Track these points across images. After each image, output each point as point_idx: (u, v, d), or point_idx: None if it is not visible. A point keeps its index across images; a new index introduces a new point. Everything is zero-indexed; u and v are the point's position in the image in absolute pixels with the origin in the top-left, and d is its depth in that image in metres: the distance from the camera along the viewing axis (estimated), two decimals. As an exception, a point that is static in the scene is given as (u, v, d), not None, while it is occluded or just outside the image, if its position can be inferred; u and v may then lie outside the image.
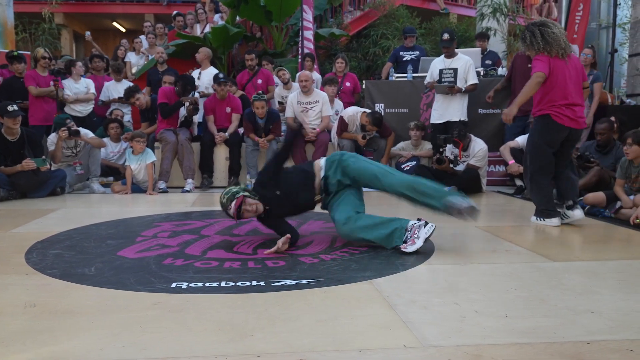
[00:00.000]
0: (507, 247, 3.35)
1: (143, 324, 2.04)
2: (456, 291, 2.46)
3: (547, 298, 2.36)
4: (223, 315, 2.15)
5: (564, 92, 3.92)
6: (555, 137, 4.01)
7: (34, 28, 11.06)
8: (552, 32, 3.94)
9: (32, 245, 3.32)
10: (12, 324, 2.05)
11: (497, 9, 9.18)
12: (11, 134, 5.44)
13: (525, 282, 2.60)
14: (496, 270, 2.84)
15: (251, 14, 9.68)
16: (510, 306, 2.25)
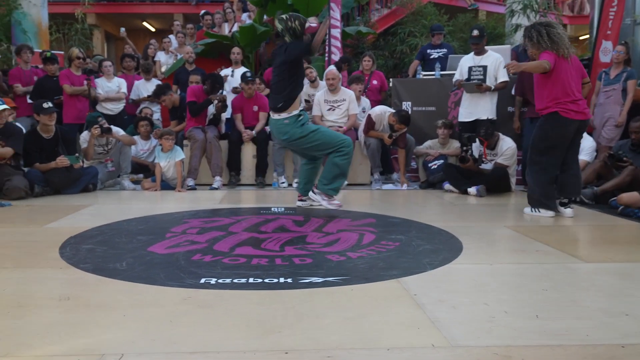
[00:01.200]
0: (537, 247, 3.29)
1: (173, 319, 2.07)
2: (485, 291, 2.43)
3: (580, 299, 2.32)
4: (251, 311, 2.17)
5: (567, 89, 4.12)
6: (566, 131, 4.18)
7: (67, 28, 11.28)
8: (557, 32, 4.15)
9: (65, 240, 3.39)
10: (47, 317, 2.10)
11: (527, 5, 9.02)
12: (46, 132, 5.57)
13: (557, 283, 2.55)
14: (526, 270, 2.79)
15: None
16: (541, 307, 2.21)
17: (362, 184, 6.52)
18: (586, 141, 5.71)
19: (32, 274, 2.69)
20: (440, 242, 3.41)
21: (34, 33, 9.27)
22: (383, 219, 4.26)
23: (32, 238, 3.50)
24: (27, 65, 7.39)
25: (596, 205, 4.94)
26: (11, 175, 5.18)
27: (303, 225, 3.96)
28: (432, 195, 5.70)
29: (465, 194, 5.62)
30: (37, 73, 7.38)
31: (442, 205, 5.10)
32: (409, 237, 3.56)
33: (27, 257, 3.03)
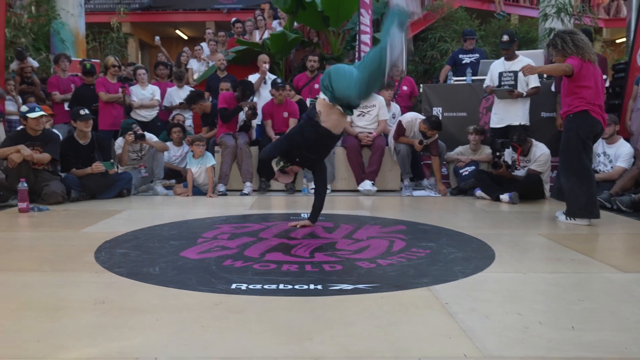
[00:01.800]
0: (573, 256, 3.21)
1: (204, 324, 2.09)
2: (518, 301, 2.38)
3: (618, 311, 2.25)
4: (281, 317, 2.17)
5: (597, 94, 4.15)
6: (592, 131, 4.19)
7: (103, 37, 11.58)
8: (581, 38, 4.17)
9: (101, 245, 3.46)
10: (83, 320, 2.14)
11: (561, 8, 8.86)
12: (83, 138, 5.71)
13: (593, 293, 2.49)
14: (561, 280, 2.72)
15: (309, 20, 9.75)
16: (577, 318, 2.15)
17: (392, 190, 6.48)
18: (623, 147, 5.58)
19: (68, 278, 2.75)
20: (471, 249, 3.37)
21: (72, 42, 9.53)
22: (413, 225, 4.23)
23: (68, 242, 3.58)
24: (64, 74, 7.61)
25: (634, 213, 4.80)
26: (49, 180, 5.32)
27: (333, 232, 3.95)
28: (463, 202, 5.63)
29: (498, 201, 5.53)
30: (75, 81, 7.59)
31: (473, 212, 5.03)
32: (440, 244, 3.52)
33: (64, 260, 3.09)
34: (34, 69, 8.01)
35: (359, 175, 6.36)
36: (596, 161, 5.72)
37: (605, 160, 5.66)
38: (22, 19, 9.61)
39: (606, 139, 5.61)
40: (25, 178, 4.93)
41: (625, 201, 4.92)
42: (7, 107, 7.11)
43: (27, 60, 7.91)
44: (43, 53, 9.39)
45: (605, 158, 5.66)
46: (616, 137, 5.64)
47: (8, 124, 7.01)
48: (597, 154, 5.71)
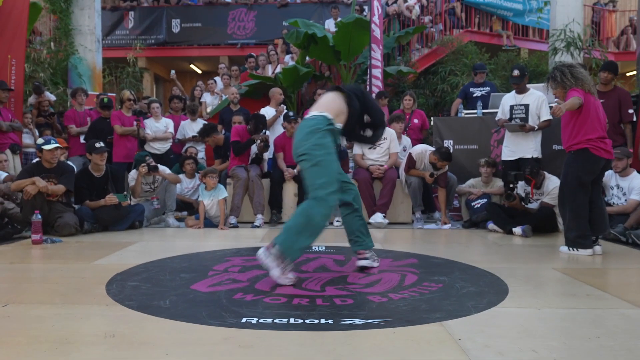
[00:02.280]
0: (588, 291, 3.15)
1: (214, 358, 2.07)
2: (533, 337, 2.33)
3: (635, 348, 2.19)
4: (292, 352, 2.14)
5: (597, 125, 4.19)
6: (595, 168, 4.26)
7: (119, 72, 11.81)
8: (580, 71, 4.25)
9: (112, 277, 3.46)
10: (92, 353, 2.13)
11: (571, 42, 8.91)
12: (97, 170, 5.78)
13: (610, 330, 2.43)
14: (576, 315, 2.67)
15: (320, 54, 9.93)
16: (594, 356, 2.10)
17: (404, 223, 6.46)
18: (636, 180, 5.52)
19: (79, 310, 2.74)
20: (484, 284, 3.32)
21: (89, 76, 9.74)
22: (425, 259, 4.19)
23: (80, 274, 3.59)
24: (81, 107, 7.76)
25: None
26: (63, 212, 5.37)
27: (344, 265, 3.92)
28: (476, 235, 5.58)
29: (510, 234, 5.48)
30: (91, 114, 7.72)
31: (486, 246, 4.97)
32: (452, 278, 3.48)
33: (75, 293, 3.10)
34: (51, 103, 8.18)
35: (370, 207, 6.34)
36: (609, 194, 5.67)
37: (618, 193, 5.61)
38: (41, 54, 9.86)
39: (619, 172, 5.57)
40: (40, 210, 4.98)
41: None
42: (24, 139, 7.24)
43: (44, 95, 8.09)
44: (61, 87, 9.58)
45: (618, 191, 5.61)
46: (629, 170, 5.60)
47: (25, 156, 7.13)
48: (611, 187, 5.66)
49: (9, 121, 6.78)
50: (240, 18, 13.70)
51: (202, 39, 13.81)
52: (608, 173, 5.60)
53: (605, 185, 5.67)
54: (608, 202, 5.62)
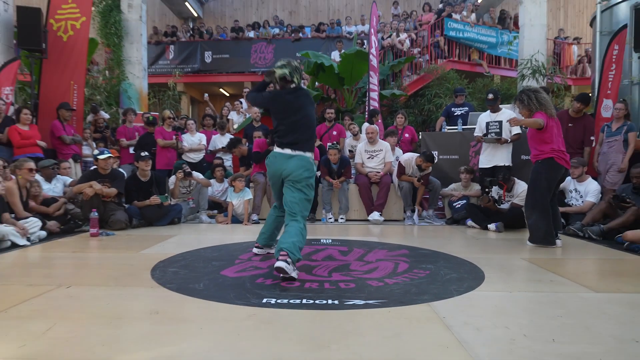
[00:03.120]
0: (551, 278, 3.12)
1: (240, 332, 2.07)
2: (505, 316, 2.32)
3: (592, 326, 2.17)
4: (304, 328, 2.14)
5: (559, 142, 4.22)
6: (557, 175, 4.24)
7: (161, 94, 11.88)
8: (543, 96, 4.25)
9: (155, 264, 3.48)
10: (140, 328, 2.14)
11: (536, 70, 8.87)
12: (144, 176, 5.81)
13: (570, 310, 2.41)
14: (542, 298, 2.65)
15: (327, 80, 9.94)
16: (557, 332, 2.09)
17: (397, 220, 6.43)
18: (591, 185, 5.48)
19: (129, 291, 2.76)
20: (465, 271, 3.30)
21: (137, 99, 9.80)
22: (415, 250, 4.17)
23: (130, 262, 3.61)
24: (130, 124, 7.81)
25: (603, 241, 4.68)
26: (115, 210, 5.40)
27: (347, 255, 3.92)
28: (457, 231, 5.55)
29: (486, 230, 5.44)
30: (138, 130, 7.77)
31: (465, 239, 4.95)
32: (438, 266, 3.46)
33: (125, 277, 3.11)
34: (105, 120, 8.24)
35: (369, 207, 6.34)
36: (568, 197, 5.62)
37: (576, 196, 5.56)
38: (97, 81, 9.94)
39: (576, 178, 5.54)
40: (96, 208, 5.02)
41: (595, 231, 4.80)
42: (84, 151, 7.30)
43: (99, 114, 8.15)
44: (114, 107, 9.65)
45: (576, 194, 5.56)
46: (585, 177, 5.56)
47: (84, 164, 7.19)
48: (569, 190, 5.62)
49: (72, 135, 6.85)
50: (261, 50, 13.75)
51: (229, 67, 13.87)
52: (567, 179, 5.57)
53: (565, 189, 5.63)
54: (567, 203, 5.58)
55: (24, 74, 8.08)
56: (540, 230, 4.25)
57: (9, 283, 2.93)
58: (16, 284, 2.89)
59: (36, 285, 2.84)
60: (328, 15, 16.60)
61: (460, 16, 12.02)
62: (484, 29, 12.13)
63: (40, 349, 1.87)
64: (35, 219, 4.68)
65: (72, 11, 7.38)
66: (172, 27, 14.53)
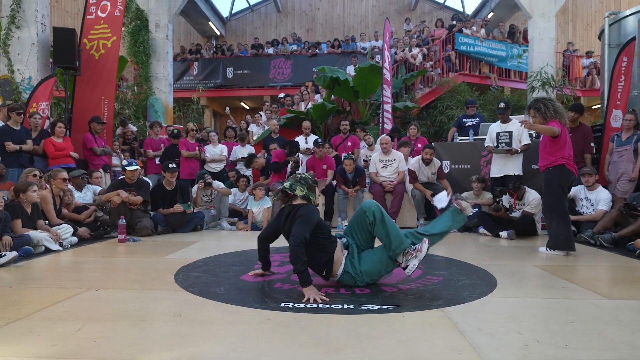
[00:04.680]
0: (564, 285, 3.04)
1: (259, 335, 2.06)
2: (518, 322, 2.26)
3: (605, 332, 2.10)
4: (320, 331, 2.12)
5: (570, 150, 4.15)
6: (568, 181, 4.17)
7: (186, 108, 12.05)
8: (558, 105, 4.17)
9: (179, 269, 3.49)
10: (163, 329, 2.15)
11: (545, 82, 8.75)
12: (169, 185, 5.88)
13: (583, 317, 2.34)
14: (554, 304, 2.58)
15: (343, 93, 9.95)
16: (569, 338, 2.02)
17: (410, 227, 6.32)
18: (603, 193, 5.36)
19: (153, 295, 2.77)
20: (477, 277, 3.24)
21: (162, 112, 9.96)
22: (428, 257, 4.09)
23: (155, 266, 3.63)
24: (156, 136, 7.93)
25: (614, 248, 4.56)
26: (141, 217, 5.46)
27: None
28: (469, 238, 5.46)
29: (498, 237, 5.35)
30: (164, 142, 7.88)
31: (477, 246, 4.87)
32: (451, 272, 3.41)
33: (150, 281, 3.13)
34: (133, 133, 8.38)
35: (383, 215, 6.28)
36: (580, 205, 5.50)
37: (587, 204, 5.43)
38: (127, 96, 10.15)
39: (588, 187, 5.41)
40: (124, 215, 5.08)
41: (606, 238, 4.68)
42: (113, 161, 7.43)
43: (128, 126, 8.30)
44: (141, 120, 9.82)
45: (587, 202, 5.43)
46: (596, 185, 5.43)
47: (113, 174, 7.31)
48: (580, 199, 5.49)
49: (102, 147, 6.98)
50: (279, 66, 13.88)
51: (250, 82, 14.03)
52: (578, 187, 5.46)
53: (576, 198, 5.51)
54: (579, 212, 5.45)
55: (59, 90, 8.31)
56: (560, 237, 4.13)
57: (42, 286, 2.98)
58: (49, 287, 2.94)
59: (67, 288, 2.87)
60: (343, 32, 16.70)
61: (471, 31, 11.96)
62: (494, 43, 12.05)
63: (70, 349, 1.89)
64: (68, 226, 4.77)
65: (104, 31, 7.56)
66: (197, 45, 14.79)
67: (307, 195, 3.03)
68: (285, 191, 3.05)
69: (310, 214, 2.83)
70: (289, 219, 2.91)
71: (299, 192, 3.03)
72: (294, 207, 2.96)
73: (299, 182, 3.06)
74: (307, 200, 3.03)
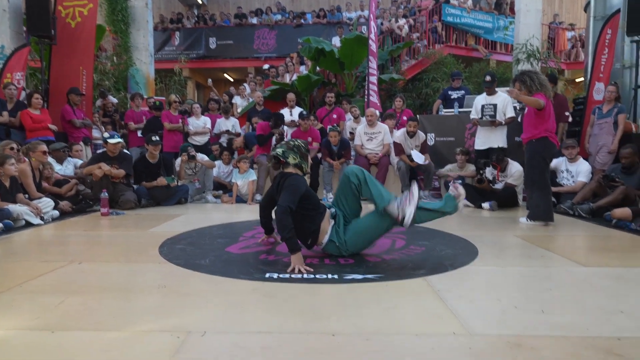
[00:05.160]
0: (542, 253, 3.13)
1: (244, 305, 2.08)
2: (498, 289, 2.32)
3: (580, 298, 2.18)
4: (305, 301, 2.15)
5: (553, 123, 4.21)
6: (551, 153, 4.27)
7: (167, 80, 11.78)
8: (543, 78, 4.22)
9: (163, 241, 3.48)
10: (148, 300, 2.15)
11: (531, 54, 8.74)
12: (152, 158, 5.79)
13: (559, 284, 2.41)
14: (533, 272, 2.65)
15: (328, 65, 9.82)
16: (546, 304, 2.09)
17: (394, 200, 6.42)
18: (583, 165, 5.45)
19: (138, 267, 2.77)
20: (459, 247, 3.31)
21: (144, 84, 9.72)
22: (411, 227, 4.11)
23: (139, 239, 3.62)
24: (138, 108, 7.75)
25: (592, 218, 4.68)
26: (124, 191, 5.40)
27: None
28: (452, 209, 5.54)
29: (480, 208, 5.44)
30: (145, 114, 7.72)
31: (460, 217, 4.94)
32: (433, 243, 3.47)
33: (134, 254, 3.12)
34: (114, 105, 8.18)
35: (368, 187, 6.31)
36: (560, 177, 5.60)
37: (568, 176, 5.54)
38: (106, 67, 9.85)
39: (569, 159, 5.50)
40: (106, 189, 5.02)
41: (585, 209, 4.80)
42: (93, 134, 7.27)
43: (108, 98, 8.09)
44: (122, 92, 9.59)
45: (568, 174, 5.54)
46: (577, 157, 5.52)
47: (94, 147, 7.17)
48: (561, 171, 5.59)
49: (82, 119, 6.81)
50: (263, 36, 13.58)
51: (233, 53, 13.73)
52: (559, 160, 5.55)
53: (557, 170, 5.61)
54: (559, 183, 5.56)
55: (34, 60, 8.01)
56: (539, 207, 4.23)
57: (23, 260, 2.95)
58: (30, 261, 2.91)
59: (49, 262, 2.85)
60: (329, 2, 16.35)
61: (458, 2, 11.81)
62: (481, 14, 11.95)
63: (53, 321, 1.89)
64: (48, 199, 4.69)
65: (80, -2, 7.26)
66: (178, 14, 14.35)
67: (299, 164, 3.00)
68: (278, 157, 3.00)
69: (297, 184, 2.83)
70: (279, 187, 2.91)
71: (291, 160, 2.99)
72: (284, 176, 2.95)
73: (292, 150, 3.00)
74: (299, 168, 3.01)
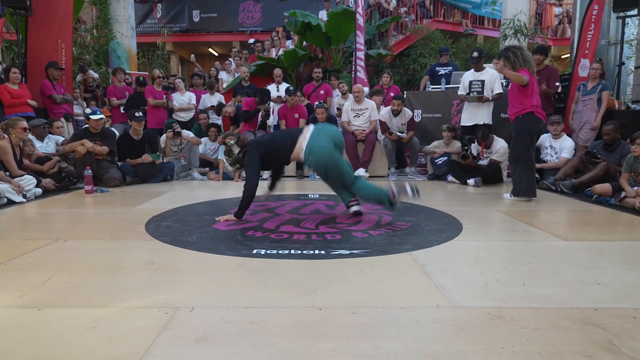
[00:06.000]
0: (524, 228, 3.20)
1: (231, 281, 2.10)
2: (480, 263, 2.38)
3: (559, 271, 2.25)
4: (292, 276, 2.18)
5: (537, 98, 4.24)
6: (537, 128, 4.31)
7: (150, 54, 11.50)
8: (527, 53, 4.24)
9: (149, 219, 3.47)
10: (136, 278, 2.16)
11: (518, 30, 8.71)
12: (136, 134, 5.70)
13: (540, 257, 2.48)
14: (515, 247, 2.72)
15: (315, 39, 9.67)
16: (527, 277, 2.16)
17: (381, 176, 6.46)
18: (567, 142, 5.53)
19: (124, 244, 2.77)
20: (444, 223, 3.36)
21: (126, 58, 9.48)
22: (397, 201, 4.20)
23: (124, 217, 3.60)
24: (120, 84, 7.59)
25: (574, 194, 4.78)
26: (108, 168, 5.33)
27: (334, 209, 3.95)
28: (438, 185, 5.61)
29: (465, 185, 5.50)
30: (128, 89, 7.56)
31: (446, 194, 5.01)
32: (419, 219, 3.52)
33: (121, 231, 3.11)
34: (95, 80, 7.99)
35: (355, 164, 6.31)
36: (544, 153, 5.68)
37: (551, 152, 5.61)
38: (85, 40, 9.56)
39: (554, 136, 5.57)
40: (89, 166, 4.94)
41: (567, 185, 4.89)
42: (75, 109, 7.11)
43: (88, 73, 7.89)
44: (103, 67, 9.35)
45: (551, 150, 5.61)
46: (561, 134, 5.59)
47: (75, 123, 7.02)
48: (545, 147, 5.66)
49: (62, 95, 6.64)
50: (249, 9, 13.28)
51: (217, 27, 13.42)
52: (544, 136, 5.61)
53: (541, 146, 5.68)
54: (543, 159, 5.64)
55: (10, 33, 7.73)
56: (522, 183, 4.29)
57: (6, 237, 2.92)
58: (14, 239, 2.88)
59: (34, 240, 2.82)
60: (315, -26, 15.96)
61: (446, -25, 11.66)
62: (469, -12, 11.82)
63: (39, 298, 1.88)
64: (30, 177, 4.61)
65: (56, -33, 6.97)
66: (159, -15, 13.88)
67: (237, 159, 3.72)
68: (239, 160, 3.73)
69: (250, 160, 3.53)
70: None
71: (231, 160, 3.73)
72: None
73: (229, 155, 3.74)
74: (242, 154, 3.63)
